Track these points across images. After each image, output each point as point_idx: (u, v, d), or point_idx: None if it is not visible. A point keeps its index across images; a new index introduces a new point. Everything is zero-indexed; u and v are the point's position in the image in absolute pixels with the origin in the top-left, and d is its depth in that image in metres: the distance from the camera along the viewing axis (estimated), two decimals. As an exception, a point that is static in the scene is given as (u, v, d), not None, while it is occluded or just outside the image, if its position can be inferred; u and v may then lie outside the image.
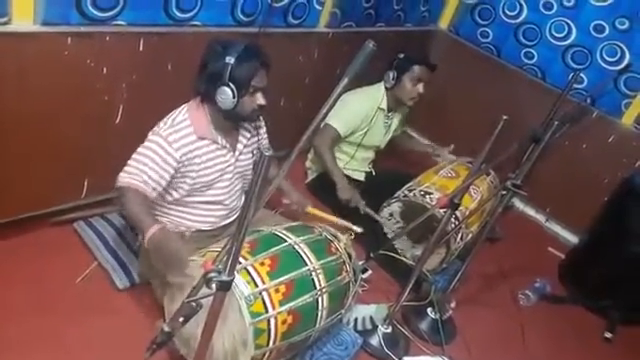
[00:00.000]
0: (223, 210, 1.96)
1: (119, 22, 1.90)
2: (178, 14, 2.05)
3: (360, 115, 2.61)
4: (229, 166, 1.88)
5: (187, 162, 1.76)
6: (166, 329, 1.34)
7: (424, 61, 2.60)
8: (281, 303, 1.55)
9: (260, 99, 1.77)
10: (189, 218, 1.91)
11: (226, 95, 1.70)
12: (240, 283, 1.49)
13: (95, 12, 1.82)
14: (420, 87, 2.61)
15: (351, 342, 1.99)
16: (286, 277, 1.58)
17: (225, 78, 1.68)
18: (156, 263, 1.70)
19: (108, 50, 1.90)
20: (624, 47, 2.91)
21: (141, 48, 1.99)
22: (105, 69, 1.93)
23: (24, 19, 1.68)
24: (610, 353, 2.53)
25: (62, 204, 2.11)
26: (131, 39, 1.95)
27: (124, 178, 1.69)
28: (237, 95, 1.70)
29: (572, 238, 3.24)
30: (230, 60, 1.66)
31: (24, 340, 1.69)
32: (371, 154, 2.87)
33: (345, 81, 1.06)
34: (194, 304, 1.28)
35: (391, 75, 2.61)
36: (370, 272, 2.34)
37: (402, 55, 2.60)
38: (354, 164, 2.79)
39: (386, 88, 2.65)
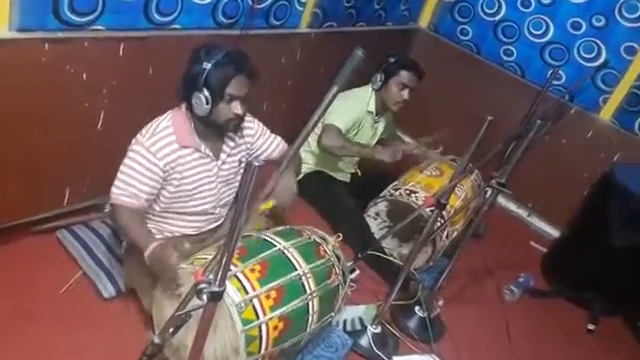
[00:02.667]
0: (210, 217, 1.94)
1: (98, 27, 1.86)
2: (158, 18, 2.02)
3: (355, 114, 2.60)
4: (212, 175, 1.85)
5: (171, 170, 1.73)
6: (156, 341, 1.33)
7: (412, 67, 2.59)
8: (272, 309, 1.54)
9: (237, 108, 1.71)
10: (174, 224, 1.89)
11: (200, 101, 1.66)
12: (230, 290, 1.48)
13: (73, 17, 1.77)
14: (405, 93, 2.60)
15: (341, 344, 2.00)
16: (276, 283, 1.57)
17: (200, 83, 1.64)
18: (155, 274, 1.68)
19: (87, 55, 1.86)
20: (600, 44, 2.97)
21: (121, 53, 1.95)
22: (85, 75, 1.89)
23: (-1, 25, 1.63)
24: (593, 344, 2.59)
25: (43, 212, 2.07)
26: (111, 44, 1.91)
27: (115, 194, 1.68)
28: (211, 102, 1.66)
29: (554, 232, 3.29)
30: (207, 65, 1.62)
31: (7, 352, 1.65)
32: (357, 156, 2.87)
33: (334, 90, 1.04)
34: (184, 315, 1.27)
35: (379, 77, 2.60)
36: (358, 272, 2.34)
37: (392, 59, 2.60)
38: (340, 165, 2.79)
39: (374, 89, 2.64)
